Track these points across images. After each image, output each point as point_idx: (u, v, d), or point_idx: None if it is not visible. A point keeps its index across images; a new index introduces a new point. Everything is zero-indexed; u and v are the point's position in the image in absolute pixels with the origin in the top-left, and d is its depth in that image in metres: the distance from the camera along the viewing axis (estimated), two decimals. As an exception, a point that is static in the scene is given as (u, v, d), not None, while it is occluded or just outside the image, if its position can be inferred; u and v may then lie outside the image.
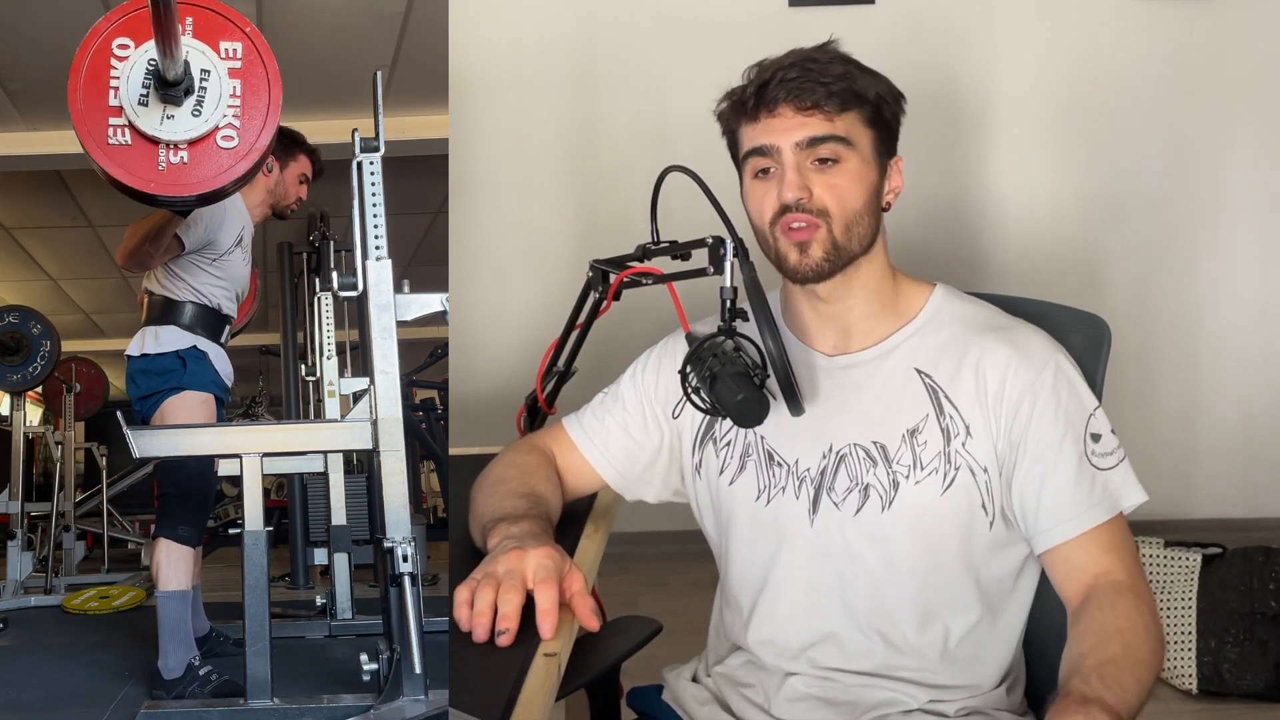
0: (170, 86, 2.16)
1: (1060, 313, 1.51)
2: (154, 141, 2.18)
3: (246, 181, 2.30)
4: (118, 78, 2.18)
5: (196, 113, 2.20)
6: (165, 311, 2.99)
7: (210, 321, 3.02)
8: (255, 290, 3.54)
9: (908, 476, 1.38)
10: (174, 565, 2.91)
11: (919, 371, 1.40)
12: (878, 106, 1.37)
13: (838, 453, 1.41)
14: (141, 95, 2.17)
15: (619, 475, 1.57)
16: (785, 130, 1.35)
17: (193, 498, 2.99)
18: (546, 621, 1.20)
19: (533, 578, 1.24)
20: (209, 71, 2.21)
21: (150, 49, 2.18)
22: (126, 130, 2.19)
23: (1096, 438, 1.34)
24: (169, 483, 3.00)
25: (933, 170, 3.80)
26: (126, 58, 2.19)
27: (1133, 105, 3.86)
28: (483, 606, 1.21)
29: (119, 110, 2.18)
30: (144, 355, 2.96)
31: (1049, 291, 1.61)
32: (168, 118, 2.19)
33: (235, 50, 2.24)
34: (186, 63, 2.16)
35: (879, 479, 1.39)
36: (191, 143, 2.20)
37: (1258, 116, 3.87)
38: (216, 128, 2.21)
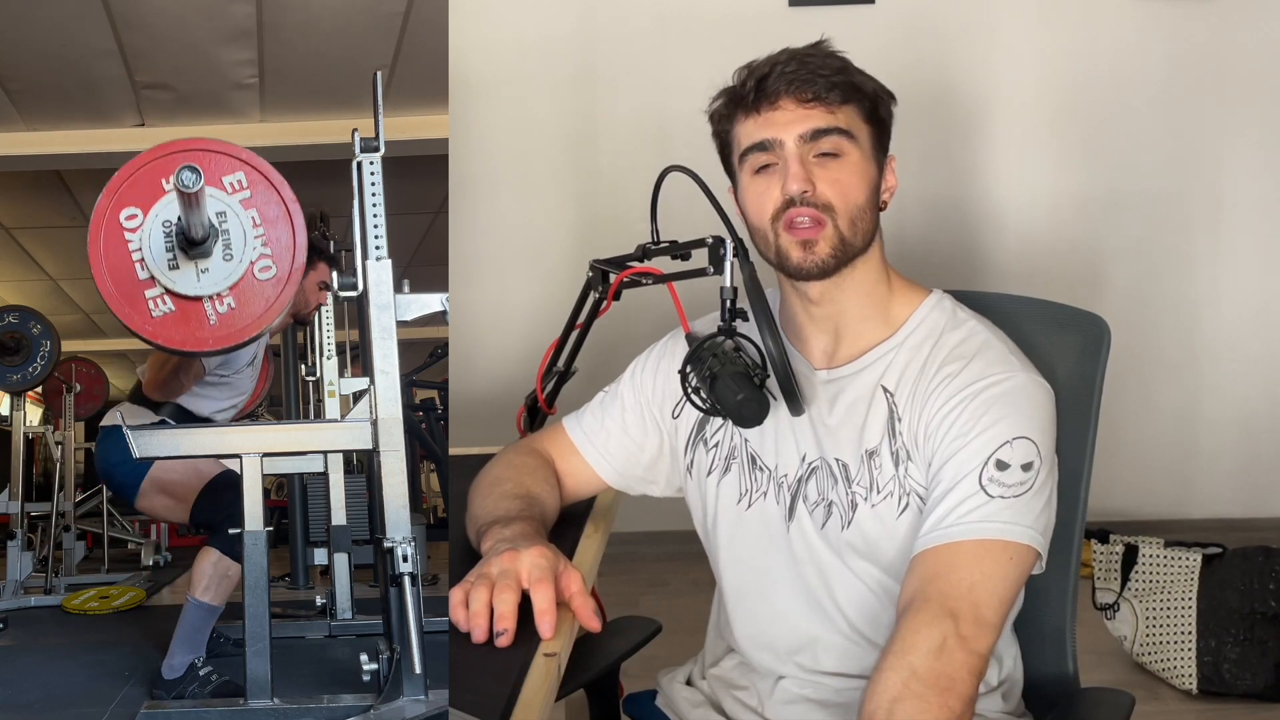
0: (198, 244, 2.13)
1: (1060, 312, 1.50)
2: (197, 299, 2.16)
3: (292, 300, 2.28)
4: (137, 249, 2.16)
5: (228, 257, 2.18)
6: (145, 400, 3.01)
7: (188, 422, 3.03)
8: (265, 378, 3.54)
9: (865, 498, 1.37)
10: (219, 580, 2.88)
11: (885, 390, 1.38)
12: (875, 102, 1.36)
13: (810, 464, 1.41)
14: (169, 260, 2.14)
15: (619, 475, 1.57)
16: (787, 123, 1.33)
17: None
18: (545, 621, 1.20)
19: (527, 578, 1.23)
20: (225, 212, 2.18)
21: (160, 211, 2.15)
22: (167, 299, 2.17)
23: (1002, 465, 1.27)
24: (220, 508, 2.90)
25: (933, 170, 3.80)
26: (138, 227, 2.16)
27: (1133, 105, 3.86)
28: (478, 607, 1.20)
29: (151, 281, 2.16)
30: (115, 426, 2.96)
31: (1048, 291, 1.61)
32: (203, 272, 2.16)
33: (240, 181, 2.22)
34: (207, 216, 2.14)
35: (840, 497, 1.38)
36: (233, 287, 2.18)
37: (1258, 116, 3.87)
38: (251, 264, 2.19)
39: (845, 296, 1.39)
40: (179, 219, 2.14)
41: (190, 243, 2.13)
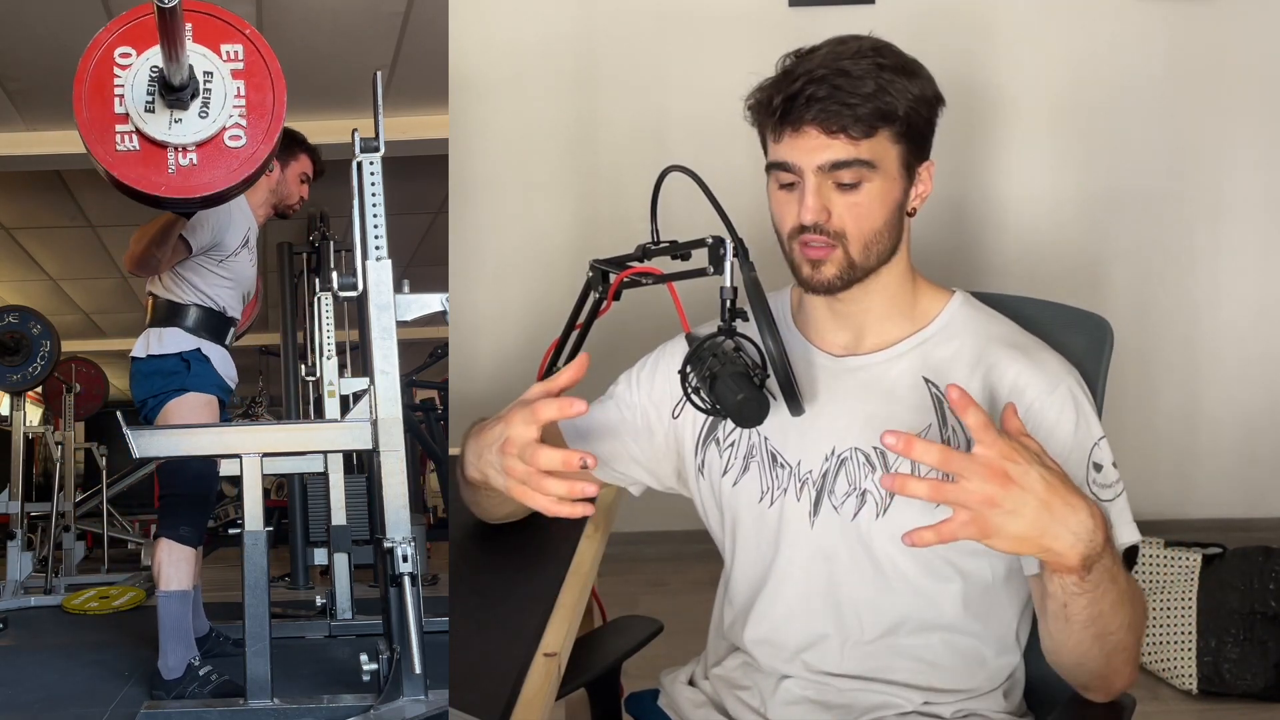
0: (176, 91, 2.17)
1: (1062, 313, 1.51)
2: (162, 146, 2.20)
3: (255, 180, 2.32)
4: (121, 85, 2.20)
5: (203, 115, 2.22)
6: (169, 314, 2.99)
7: (214, 324, 3.02)
8: (260, 291, 3.54)
9: None
10: (175, 565, 2.91)
11: (926, 380, 1.39)
12: (908, 120, 1.34)
13: (839, 456, 1.41)
14: (148, 102, 2.19)
15: (601, 464, 1.56)
16: (809, 150, 1.32)
17: (194, 498, 3.00)
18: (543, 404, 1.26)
19: (521, 414, 1.27)
20: (212, 74, 2.23)
21: (151, 56, 2.20)
22: (134, 136, 2.21)
23: (1098, 468, 1.32)
24: (171, 484, 3.01)
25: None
26: (129, 66, 2.21)
27: (1133, 105, 3.86)
28: (522, 475, 1.24)
29: (125, 117, 2.20)
30: (149, 357, 2.97)
31: (1049, 291, 1.61)
32: (175, 122, 2.21)
33: (236, 52, 2.26)
34: (190, 67, 2.17)
35: (875, 485, 1.38)
36: (200, 145, 2.22)
37: (1258, 116, 3.87)
38: (224, 129, 2.23)
39: (870, 298, 1.41)
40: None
41: (169, 88, 2.16)
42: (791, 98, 1.32)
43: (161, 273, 2.97)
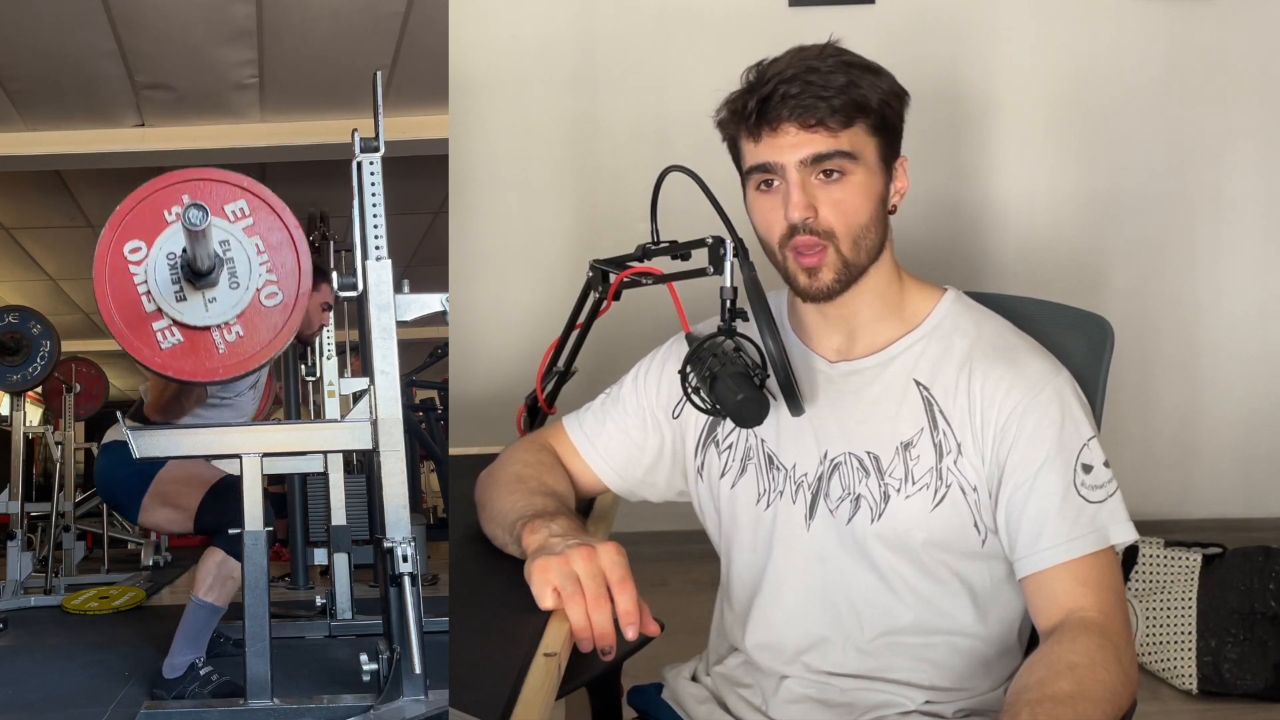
0: (205, 275, 2.13)
1: (1062, 313, 1.51)
2: (205, 329, 2.16)
3: (300, 325, 2.28)
4: (143, 282, 2.16)
5: (234, 285, 2.18)
6: (146, 421, 2.97)
7: None
8: (268, 397, 3.54)
9: (898, 490, 1.37)
10: (224, 581, 2.88)
11: (917, 383, 1.39)
12: (881, 112, 1.35)
13: (833, 460, 1.41)
14: (176, 291, 2.15)
15: (619, 478, 1.57)
16: (789, 148, 1.33)
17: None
18: (632, 626, 1.21)
19: (610, 576, 1.24)
20: (228, 241, 2.19)
21: (165, 243, 2.16)
22: (174, 330, 2.17)
23: (1088, 469, 1.32)
24: (226, 514, 2.85)
25: (933, 170, 3.79)
26: (142, 260, 2.17)
27: (1133, 104, 3.86)
28: (581, 623, 1.20)
29: (159, 313, 2.16)
30: (117, 442, 2.93)
31: (1049, 290, 1.61)
32: (210, 302, 2.17)
33: (241, 210, 2.22)
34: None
35: (870, 490, 1.38)
36: (240, 315, 2.19)
37: (1258, 116, 3.87)
38: (257, 291, 2.19)
39: (859, 300, 1.40)
40: (183, 250, 2.14)
41: (196, 274, 2.14)
42: (765, 99, 1.32)
43: (184, 417, 2.95)
